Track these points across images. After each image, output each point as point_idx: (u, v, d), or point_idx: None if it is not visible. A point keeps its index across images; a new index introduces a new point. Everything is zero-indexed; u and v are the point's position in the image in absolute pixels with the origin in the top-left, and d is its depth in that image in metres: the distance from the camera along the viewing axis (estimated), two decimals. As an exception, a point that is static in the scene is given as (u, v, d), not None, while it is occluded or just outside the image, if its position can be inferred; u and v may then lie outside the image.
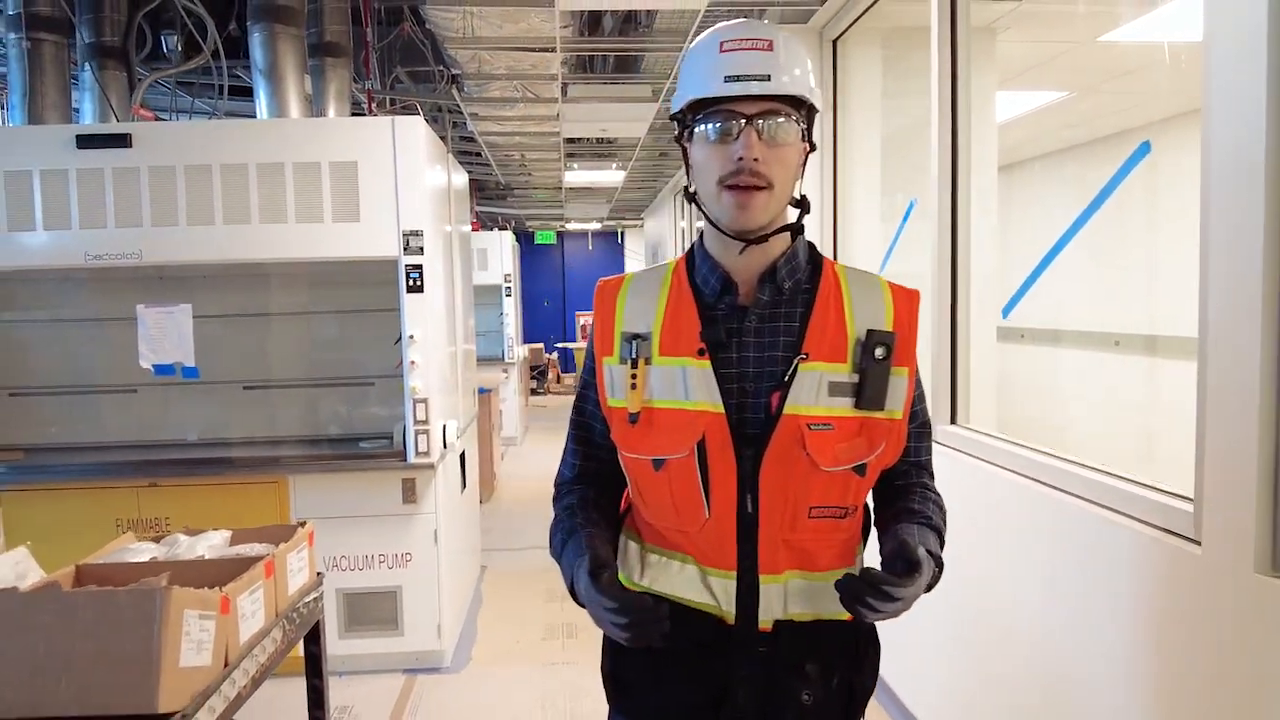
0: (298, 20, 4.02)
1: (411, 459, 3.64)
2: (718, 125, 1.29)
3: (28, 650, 1.60)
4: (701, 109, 1.32)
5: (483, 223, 11.55)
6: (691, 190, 1.39)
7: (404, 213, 3.56)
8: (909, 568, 1.22)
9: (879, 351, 1.32)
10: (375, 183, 3.55)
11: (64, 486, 3.72)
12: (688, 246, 1.44)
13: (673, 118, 1.39)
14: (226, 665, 1.84)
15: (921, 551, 1.24)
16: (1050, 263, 2.80)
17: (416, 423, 3.63)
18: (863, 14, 3.76)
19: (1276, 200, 1.51)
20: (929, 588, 1.30)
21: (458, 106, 6.16)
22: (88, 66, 4.34)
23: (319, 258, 3.61)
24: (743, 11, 4.21)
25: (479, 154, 8.18)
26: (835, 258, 4.17)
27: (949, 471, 2.80)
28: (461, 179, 4.99)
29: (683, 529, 1.35)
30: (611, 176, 9.72)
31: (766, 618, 1.33)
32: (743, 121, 1.28)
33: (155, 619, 1.61)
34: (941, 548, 1.38)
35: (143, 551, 2.24)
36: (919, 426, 1.45)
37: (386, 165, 3.54)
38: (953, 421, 2.91)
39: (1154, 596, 1.86)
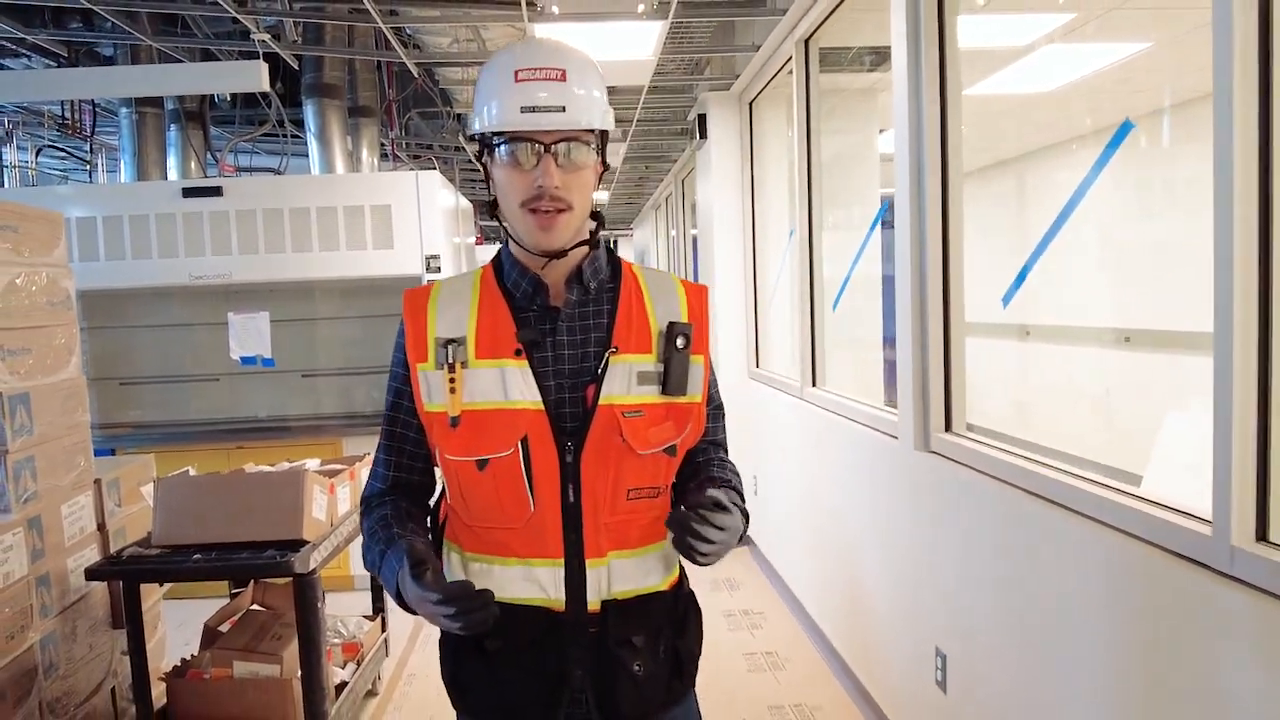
0: (340, 94, 5.27)
1: (433, 424, 4.87)
2: (516, 151, 1.35)
3: (227, 503, 2.84)
4: (500, 132, 1.36)
5: (486, 236, 12.76)
6: (493, 203, 1.45)
7: (426, 241, 4.80)
8: (716, 503, 1.31)
9: (680, 341, 1.42)
10: (404, 219, 4.79)
11: (172, 449, 4.96)
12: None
13: (471, 137, 1.44)
14: (331, 525, 3.07)
15: (723, 494, 1.34)
16: (851, 275, 4.01)
17: (436, 397, 4.86)
18: (768, 84, 4.99)
19: (917, 246, 2.75)
20: (741, 538, 1.40)
21: (461, 143, 7.43)
22: (173, 128, 5.61)
23: (362, 276, 4.86)
24: (676, 84, 5.45)
25: (483, 180, 9.42)
26: (754, 274, 5.42)
27: (811, 422, 4.04)
28: (465, 203, 6.22)
29: (508, 525, 1.40)
30: (597, 195, 10.98)
31: (594, 599, 1.40)
32: (541, 149, 1.34)
33: (300, 487, 2.84)
34: (742, 503, 1.48)
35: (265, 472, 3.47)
36: (715, 408, 1.57)
37: (412, 206, 4.79)
38: (814, 385, 4.14)
39: (878, 468, 3.12)
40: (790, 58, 4.26)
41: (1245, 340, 1.48)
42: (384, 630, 3.79)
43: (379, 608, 3.80)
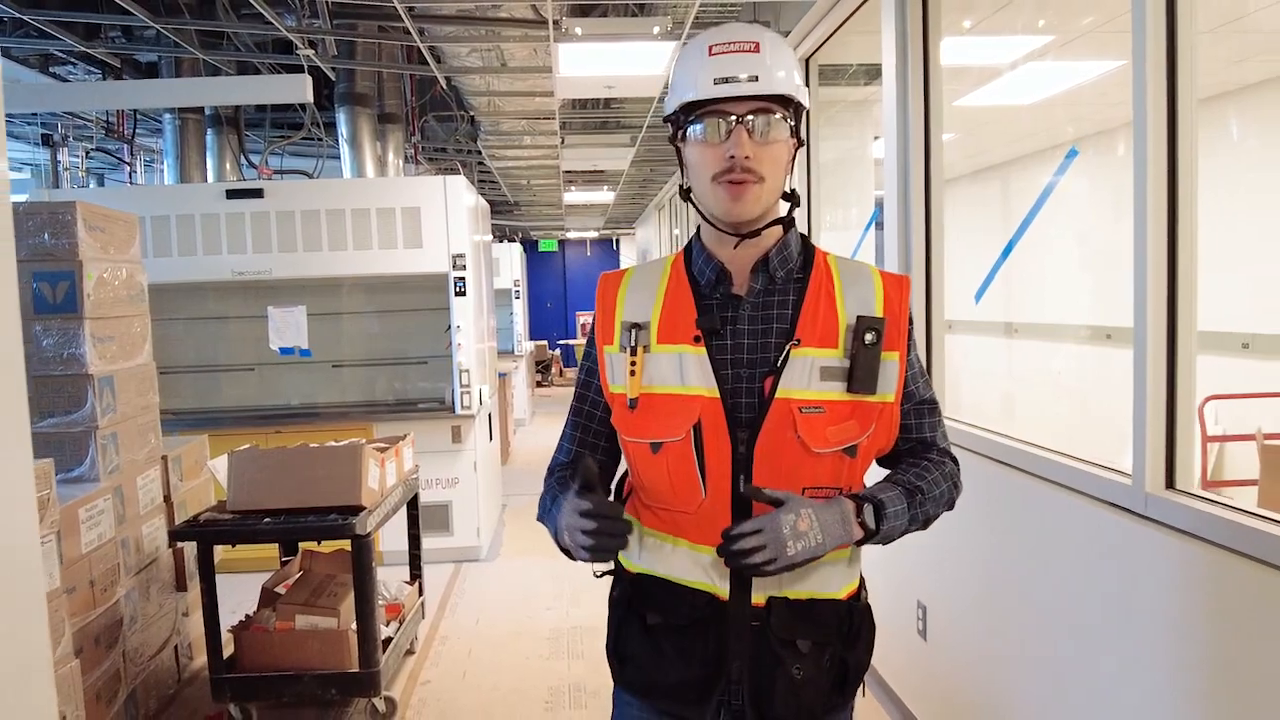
0: (370, 102, 5.64)
1: (458, 411, 5.25)
2: (709, 125, 1.35)
3: (296, 473, 3.21)
4: (693, 110, 1.36)
5: (498, 237, 13.14)
6: (686, 188, 1.44)
7: (453, 241, 5.17)
8: (775, 501, 1.30)
9: (869, 337, 1.36)
10: (432, 221, 5.16)
11: (216, 433, 5.31)
12: (684, 244, 1.56)
13: (666, 119, 1.44)
14: (382, 495, 3.44)
15: (781, 493, 1.31)
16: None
17: (461, 386, 5.24)
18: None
19: (903, 245, 3.12)
20: (880, 534, 1.38)
21: (476, 146, 7.81)
22: (209, 132, 5.97)
23: (394, 273, 5.23)
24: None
25: (494, 181, 9.81)
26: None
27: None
28: (484, 204, 6.59)
29: (680, 509, 1.40)
30: (603, 196, 11.38)
31: (760, 594, 1.37)
32: (733, 120, 1.33)
33: (359, 458, 3.22)
34: (910, 498, 1.42)
35: (316, 448, 3.84)
36: (917, 404, 1.48)
37: (440, 209, 5.15)
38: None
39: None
40: (792, 74, 4.62)
41: (1156, 329, 1.86)
42: (421, 595, 4.16)
43: (415, 574, 4.17)
